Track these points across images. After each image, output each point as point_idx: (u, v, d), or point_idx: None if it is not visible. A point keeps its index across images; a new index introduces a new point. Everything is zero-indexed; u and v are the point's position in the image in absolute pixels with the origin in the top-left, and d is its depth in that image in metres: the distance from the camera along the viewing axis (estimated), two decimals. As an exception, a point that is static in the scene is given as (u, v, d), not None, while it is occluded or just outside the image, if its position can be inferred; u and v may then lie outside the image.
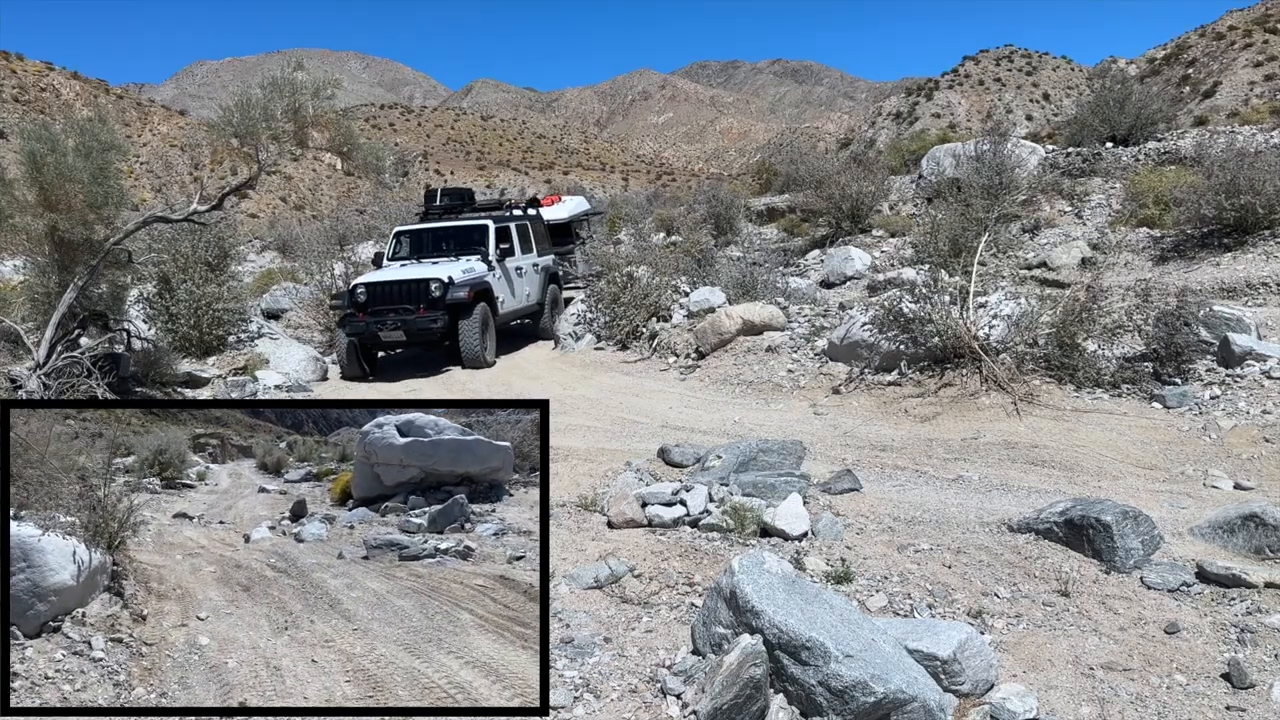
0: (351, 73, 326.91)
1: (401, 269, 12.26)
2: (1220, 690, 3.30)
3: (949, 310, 8.42)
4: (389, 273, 12.10)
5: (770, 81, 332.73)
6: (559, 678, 3.25)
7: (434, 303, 11.41)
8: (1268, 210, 11.80)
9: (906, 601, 3.96)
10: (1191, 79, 76.49)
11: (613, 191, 69.07)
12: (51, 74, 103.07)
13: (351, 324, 11.56)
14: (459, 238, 12.92)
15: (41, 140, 8.80)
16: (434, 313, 11.40)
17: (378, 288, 11.66)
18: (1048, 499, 5.34)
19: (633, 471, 6.04)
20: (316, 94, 9.84)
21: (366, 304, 11.51)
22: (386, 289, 11.63)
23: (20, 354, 9.58)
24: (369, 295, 11.58)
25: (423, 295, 11.49)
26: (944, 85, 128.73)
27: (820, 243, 17.49)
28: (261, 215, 65.05)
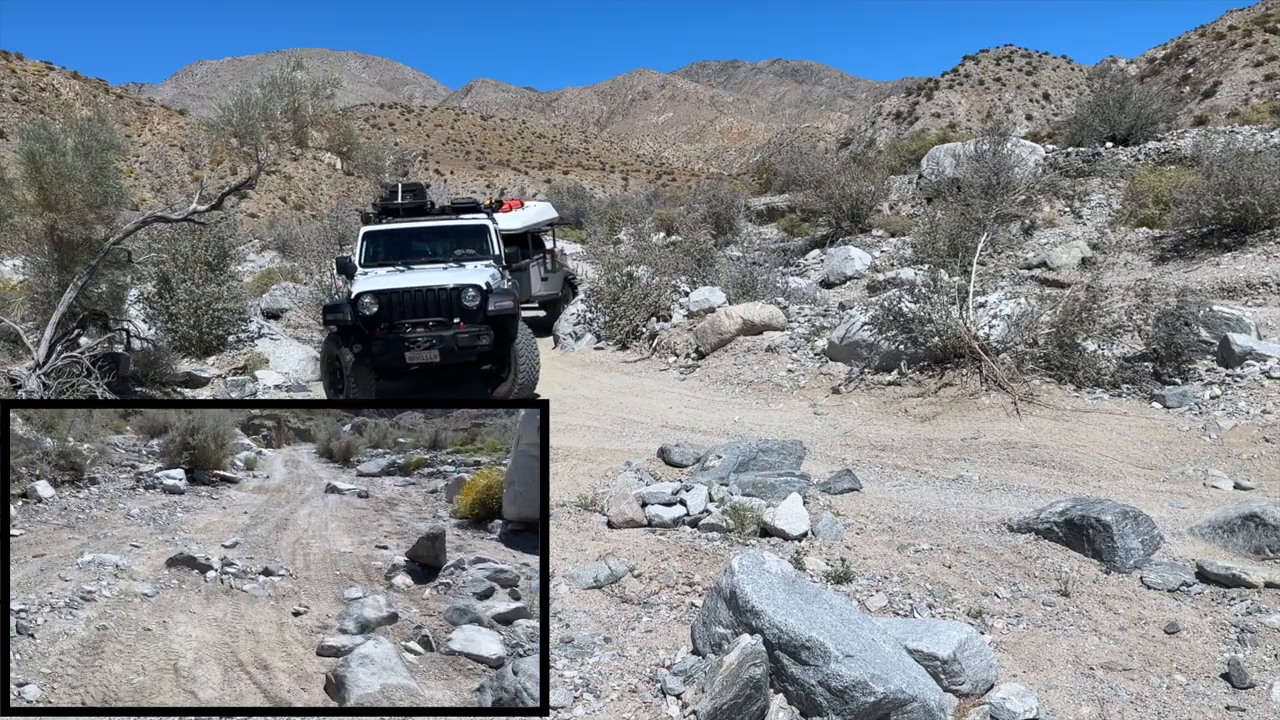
0: (351, 72, 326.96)
1: (406, 275, 9.73)
2: (1220, 690, 3.29)
3: (949, 310, 8.42)
4: (398, 279, 9.54)
5: (770, 81, 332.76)
6: (559, 678, 3.24)
7: (469, 315, 9.13)
8: (1267, 210, 11.81)
9: (906, 601, 3.96)
10: (1191, 79, 76.49)
11: (613, 191, 69.10)
12: (51, 74, 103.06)
13: (360, 342, 9.06)
14: (451, 239, 10.73)
15: (41, 140, 8.80)
16: (476, 327, 9.08)
17: (393, 297, 9.11)
18: (1048, 499, 5.34)
19: (633, 471, 6.04)
20: (316, 94, 9.83)
21: (377, 318, 9.05)
22: (405, 299, 9.14)
23: (20, 354, 9.58)
24: (381, 307, 9.07)
25: (454, 306, 9.13)
26: (944, 85, 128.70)
27: (820, 243, 17.51)
28: (261, 215, 65.08)
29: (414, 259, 10.38)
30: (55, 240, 9.25)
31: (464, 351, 9.11)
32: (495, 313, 9.12)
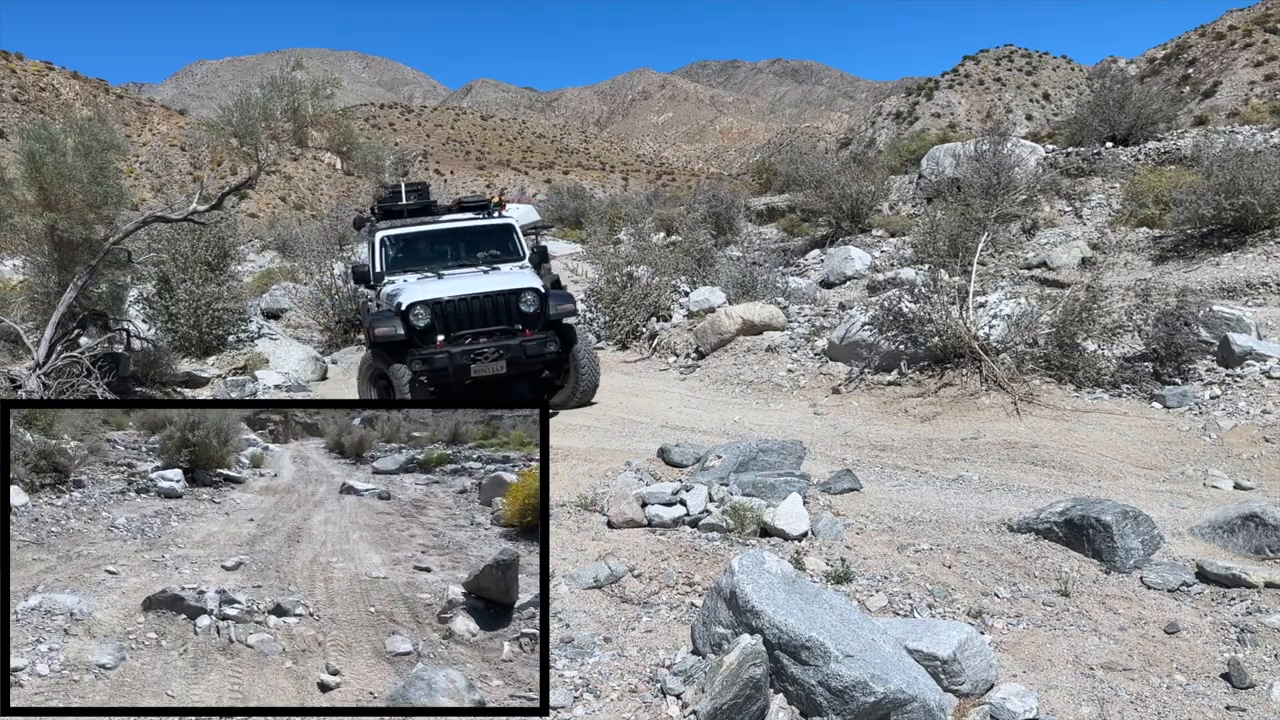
0: (351, 72, 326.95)
1: (445, 282, 8.98)
2: (1220, 690, 3.29)
3: (949, 310, 8.42)
4: (439, 286, 8.82)
5: (770, 81, 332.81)
6: (559, 678, 3.24)
7: (529, 321, 8.61)
8: (1267, 210, 11.81)
9: (906, 601, 3.96)
10: (1191, 79, 76.49)
11: (613, 191, 69.10)
12: (51, 74, 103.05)
13: (418, 357, 8.26)
14: (476, 241, 9.93)
15: (41, 140, 8.81)
16: (542, 334, 8.60)
17: (447, 307, 8.48)
18: (1048, 499, 5.34)
19: (632, 471, 6.03)
20: (316, 93, 9.84)
21: (431, 329, 8.36)
22: (462, 307, 8.52)
23: (20, 354, 9.58)
24: (435, 316, 8.39)
25: (513, 313, 8.61)
26: (944, 85, 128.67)
27: (820, 243, 17.52)
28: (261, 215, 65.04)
29: (439, 263, 9.59)
30: (55, 240, 9.25)
31: (531, 360, 8.57)
32: (556, 317, 8.72)
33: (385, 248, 9.57)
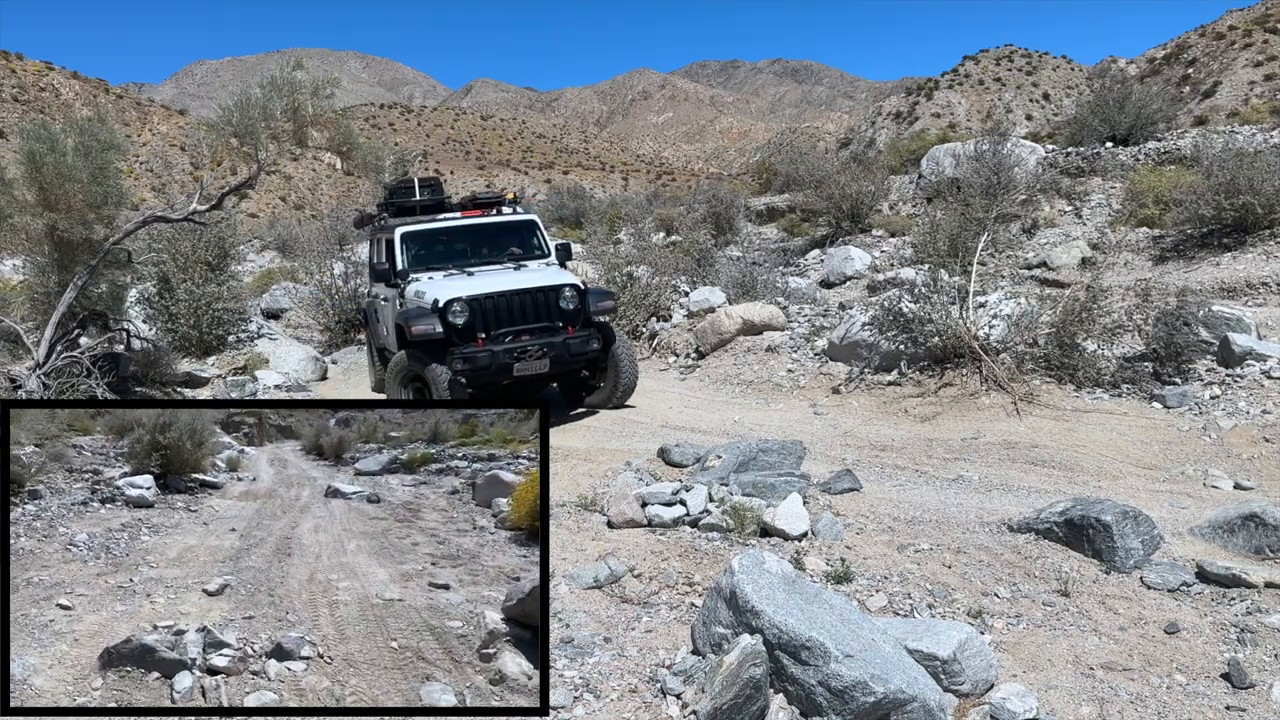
0: (351, 72, 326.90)
1: (476, 279, 8.68)
2: (1220, 690, 3.30)
3: (949, 310, 8.42)
4: (473, 283, 8.51)
5: (770, 81, 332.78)
6: (559, 678, 3.24)
7: (569, 318, 8.37)
8: (1267, 210, 11.81)
9: (906, 601, 3.96)
10: (1191, 79, 76.48)
11: (613, 191, 69.10)
12: (51, 74, 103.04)
13: (459, 356, 7.88)
14: (499, 237, 9.58)
15: (41, 140, 8.81)
16: (585, 332, 8.37)
17: (485, 303, 8.15)
18: (1048, 499, 5.34)
19: (632, 471, 6.04)
20: (316, 93, 9.83)
21: (470, 327, 8.04)
22: (501, 304, 8.21)
23: (20, 354, 9.58)
24: (473, 314, 8.07)
25: (552, 310, 8.35)
26: (944, 85, 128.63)
27: (820, 243, 17.52)
28: (261, 215, 65.03)
29: (463, 260, 9.22)
30: (55, 240, 9.25)
31: (574, 359, 8.31)
32: (595, 314, 8.46)
33: (405, 245, 9.21)
